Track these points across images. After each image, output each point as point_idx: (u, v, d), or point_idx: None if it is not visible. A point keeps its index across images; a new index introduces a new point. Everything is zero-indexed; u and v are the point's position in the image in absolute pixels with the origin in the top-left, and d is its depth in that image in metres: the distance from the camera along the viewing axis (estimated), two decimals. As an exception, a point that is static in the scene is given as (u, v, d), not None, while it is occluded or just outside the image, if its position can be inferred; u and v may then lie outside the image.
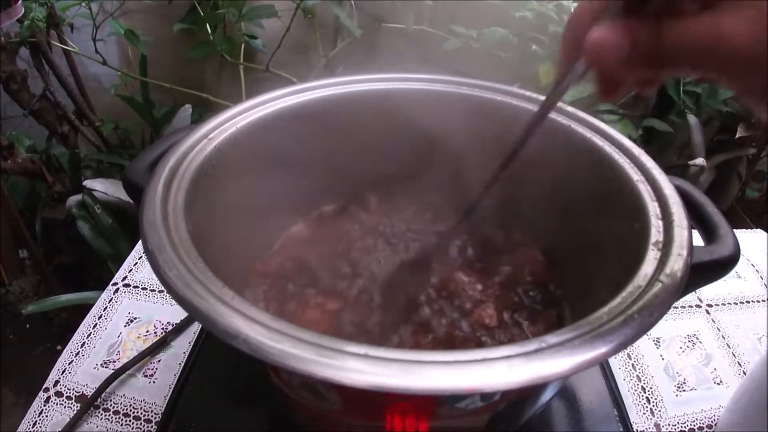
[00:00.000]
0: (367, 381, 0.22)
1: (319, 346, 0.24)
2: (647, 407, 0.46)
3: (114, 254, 1.00)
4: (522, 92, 0.47)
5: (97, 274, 1.10)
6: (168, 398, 0.45)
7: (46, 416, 0.44)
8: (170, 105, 1.20)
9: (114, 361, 0.48)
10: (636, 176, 0.37)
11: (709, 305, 0.57)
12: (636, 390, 0.48)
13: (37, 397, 0.45)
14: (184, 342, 0.50)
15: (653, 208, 0.34)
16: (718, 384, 0.49)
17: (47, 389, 0.46)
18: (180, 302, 0.26)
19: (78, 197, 1.01)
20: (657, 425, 0.45)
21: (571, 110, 0.44)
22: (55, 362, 0.48)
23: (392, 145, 0.49)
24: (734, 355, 0.51)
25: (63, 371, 0.47)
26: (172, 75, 1.13)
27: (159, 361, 0.48)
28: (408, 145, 0.49)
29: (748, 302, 0.58)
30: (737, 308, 0.57)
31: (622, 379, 0.48)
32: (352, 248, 0.48)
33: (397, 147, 0.49)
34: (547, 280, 0.46)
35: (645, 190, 0.36)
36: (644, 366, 0.50)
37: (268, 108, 0.44)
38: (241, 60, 1.08)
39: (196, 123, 0.41)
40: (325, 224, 0.52)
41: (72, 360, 0.48)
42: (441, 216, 0.53)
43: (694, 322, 0.55)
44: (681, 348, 0.52)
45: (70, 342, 0.50)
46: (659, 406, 0.46)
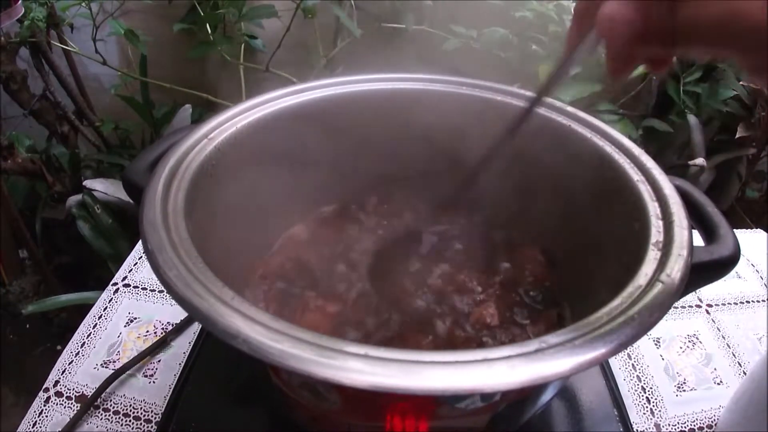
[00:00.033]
0: (367, 381, 0.22)
1: (319, 346, 0.24)
2: (647, 407, 0.46)
3: (114, 254, 1.00)
4: (522, 92, 0.47)
5: (97, 274, 1.10)
6: (168, 398, 0.45)
7: (46, 416, 0.44)
8: (170, 105, 1.20)
9: (114, 361, 0.48)
10: (636, 176, 0.37)
11: (709, 305, 0.57)
12: (636, 390, 0.48)
13: (37, 397, 0.45)
14: (184, 342, 0.50)
15: (653, 208, 0.34)
16: (718, 384, 0.49)
17: (47, 389, 0.46)
18: (180, 302, 0.26)
19: (78, 197, 1.01)
20: (657, 425, 0.45)
21: (571, 110, 0.44)
22: (55, 362, 0.48)
23: (392, 146, 0.49)
24: (734, 355, 0.51)
25: (63, 371, 0.47)
26: (172, 75, 1.13)
27: (159, 361, 0.48)
28: (408, 146, 0.49)
29: (748, 302, 0.58)
30: (737, 308, 0.57)
31: (622, 379, 0.48)
32: (352, 249, 0.48)
33: (397, 147, 0.49)
34: (547, 280, 0.46)
35: (645, 190, 0.36)
36: (644, 366, 0.50)
37: (268, 108, 0.44)
38: (241, 60, 1.08)
39: (196, 123, 0.41)
40: (325, 225, 0.52)
41: (72, 360, 0.48)
42: (440, 217, 0.53)
43: (694, 322, 0.55)
44: (681, 348, 0.52)
45: (70, 342, 0.50)
46: (659, 406, 0.46)
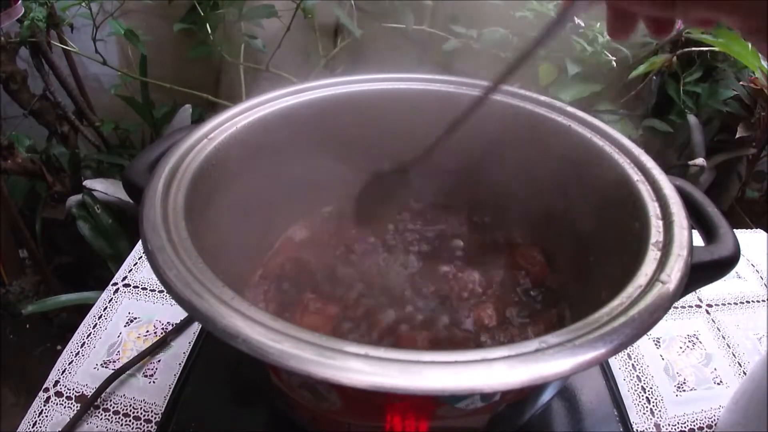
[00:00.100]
0: (367, 381, 0.22)
1: (319, 346, 0.24)
2: (647, 407, 0.46)
3: (114, 254, 1.00)
4: (522, 92, 0.47)
5: (97, 274, 1.10)
6: (168, 398, 0.45)
7: (46, 416, 0.44)
8: (170, 105, 1.20)
9: (114, 361, 0.48)
10: (636, 176, 0.37)
11: (709, 305, 0.57)
12: (636, 390, 0.48)
13: (37, 397, 0.45)
14: (184, 342, 0.50)
15: (653, 208, 0.34)
16: (718, 384, 0.49)
17: (47, 389, 0.46)
18: (180, 302, 0.26)
19: (78, 197, 1.01)
20: (657, 425, 0.45)
21: (571, 110, 0.44)
22: (55, 362, 0.48)
23: (392, 146, 0.49)
24: (734, 355, 0.51)
25: (63, 371, 0.47)
26: (172, 75, 1.13)
27: (159, 361, 0.48)
28: (408, 146, 0.49)
29: (748, 302, 0.58)
30: (737, 308, 0.57)
31: (622, 379, 0.48)
32: (351, 250, 0.48)
33: (397, 147, 0.49)
34: (547, 280, 0.46)
35: (645, 190, 0.36)
36: (644, 366, 0.50)
37: (268, 108, 0.44)
38: (241, 60, 1.08)
39: (196, 123, 0.41)
40: (325, 225, 0.52)
41: (72, 360, 0.48)
42: (440, 217, 0.53)
43: (694, 322, 0.55)
44: (681, 348, 0.52)
45: (70, 342, 0.50)
46: (659, 406, 0.46)
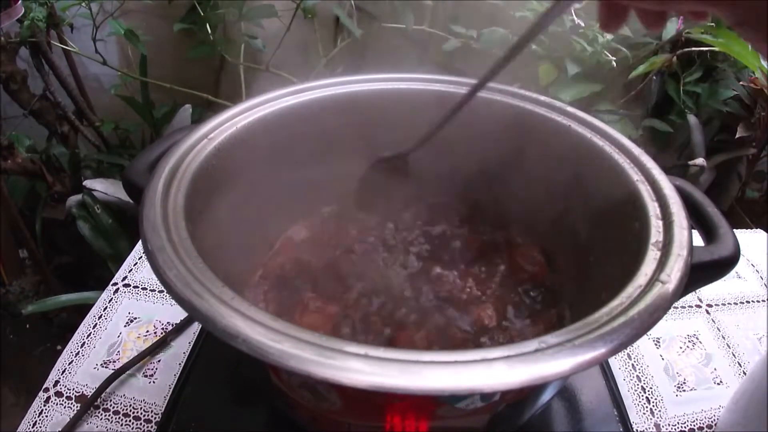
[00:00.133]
0: (367, 381, 0.22)
1: (319, 346, 0.24)
2: (647, 407, 0.46)
3: (114, 254, 1.00)
4: (522, 92, 0.47)
5: (97, 274, 1.10)
6: (168, 398, 0.45)
7: (46, 416, 0.44)
8: (170, 105, 1.20)
9: (114, 361, 0.48)
10: (636, 176, 0.37)
11: (709, 305, 0.57)
12: (636, 390, 0.48)
13: (37, 397, 0.45)
14: (184, 342, 0.50)
15: (653, 208, 0.34)
16: (718, 384, 0.49)
17: (47, 389, 0.46)
18: (180, 302, 0.26)
19: (78, 197, 1.01)
20: (657, 425, 0.45)
21: (571, 110, 0.44)
22: (55, 362, 0.48)
23: (392, 146, 0.49)
24: (734, 355, 0.51)
25: (63, 371, 0.47)
26: (172, 75, 1.13)
27: (159, 361, 0.48)
28: (408, 145, 0.49)
29: (748, 302, 0.58)
30: (737, 308, 0.57)
31: (622, 379, 0.48)
32: (351, 250, 0.48)
33: (397, 147, 0.49)
34: (547, 280, 0.46)
35: (645, 190, 0.36)
36: (644, 366, 0.50)
37: (268, 108, 0.44)
38: (241, 60, 1.08)
39: (196, 123, 0.41)
40: (325, 225, 0.52)
41: (72, 360, 0.48)
42: (440, 217, 0.53)
43: (694, 322, 0.55)
44: (681, 348, 0.52)
45: (70, 342, 0.50)
46: (659, 406, 0.46)
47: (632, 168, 0.38)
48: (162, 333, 0.51)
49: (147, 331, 0.51)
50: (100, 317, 0.52)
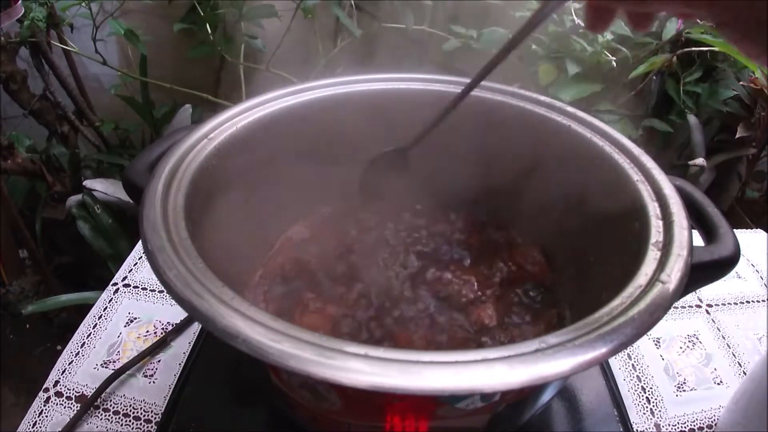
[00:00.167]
0: (367, 381, 0.22)
1: (319, 346, 0.24)
2: (647, 407, 0.46)
3: (114, 254, 1.00)
4: (522, 92, 0.47)
5: (97, 274, 1.10)
6: (168, 398, 0.45)
7: (46, 416, 0.44)
8: (170, 105, 1.20)
9: (114, 361, 0.48)
10: (636, 176, 0.37)
11: (709, 305, 0.57)
12: (636, 390, 0.48)
13: (37, 397, 0.45)
14: (184, 342, 0.50)
15: (653, 208, 0.34)
16: (718, 384, 0.49)
17: (47, 389, 0.46)
18: (180, 302, 0.26)
19: (78, 197, 1.01)
20: (657, 425, 0.45)
21: (571, 110, 0.44)
22: (55, 362, 0.48)
23: (392, 145, 0.49)
24: (734, 355, 0.51)
25: (63, 371, 0.47)
26: (172, 75, 1.13)
27: (159, 361, 0.48)
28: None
29: (748, 302, 0.58)
30: (737, 308, 0.57)
31: (622, 379, 0.48)
32: (351, 250, 0.48)
33: (399, 145, 0.49)
34: (547, 280, 0.46)
35: (645, 190, 0.36)
36: (644, 366, 0.50)
37: (268, 108, 0.44)
38: (241, 60, 1.08)
39: (196, 123, 0.41)
40: (325, 225, 0.52)
41: (72, 360, 0.48)
42: (440, 217, 0.53)
43: (694, 322, 0.55)
44: (681, 348, 0.52)
45: (70, 342, 0.50)
46: (659, 407, 0.46)
47: (632, 168, 0.38)
48: (162, 333, 0.51)
49: (147, 331, 0.51)
50: (100, 317, 0.52)
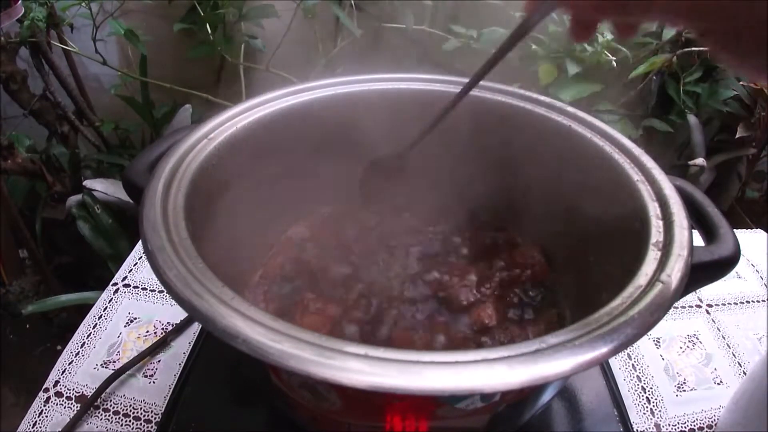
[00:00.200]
0: (367, 381, 0.22)
1: (319, 347, 0.24)
2: (647, 407, 0.46)
3: (114, 254, 1.00)
4: (522, 92, 0.47)
5: (97, 274, 1.10)
6: (168, 398, 0.45)
7: (46, 416, 0.44)
8: (170, 105, 1.20)
9: (114, 362, 0.48)
10: (636, 176, 0.37)
11: (709, 305, 0.57)
12: (636, 390, 0.48)
13: (37, 398, 0.45)
14: (184, 342, 0.50)
15: (653, 208, 0.34)
16: (718, 384, 0.49)
17: (47, 389, 0.46)
18: (180, 302, 0.26)
19: (78, 197, 1.01)
20: (657, 425, 0.45)
21: (571, 110, 0.44)
22: (55, 362, 0.48)
23: (392, 146, 0.49)
24: (734, 355, 0.51)
25: (63, 371, 0.47)
26: (172, 75, 1.13)
27: (159, 361, 0.48)
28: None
29: (748, 302, 0.58)
30: (737, 308, 0.57)
31: (623, 379, 0.48)
32: (351, 250, 0.48)
33: (397, 147, 0.49)
34: (547, 280, 0.46)
35: (645, 190, 0.36)
36: (644, 366, 0.50)
37: (268, 108, 0.44)
38: (241, 60, 1.08)
39: (196, 123, 0.41)
40: (325, 225, 0.52)
41: (72, 360, 0.48)
42: (440, 217, 0.53)
43: (694, 322, 0.55)
44: (681, 348, 0.52)
45: (70, 342, 0.50)
46: (659, 407, 0.46)
47: (632, 168, 0.38)
48: (162, 333, 0.51)
49: (147, 332, 0.51)
50: (100, 317, 0.52)
